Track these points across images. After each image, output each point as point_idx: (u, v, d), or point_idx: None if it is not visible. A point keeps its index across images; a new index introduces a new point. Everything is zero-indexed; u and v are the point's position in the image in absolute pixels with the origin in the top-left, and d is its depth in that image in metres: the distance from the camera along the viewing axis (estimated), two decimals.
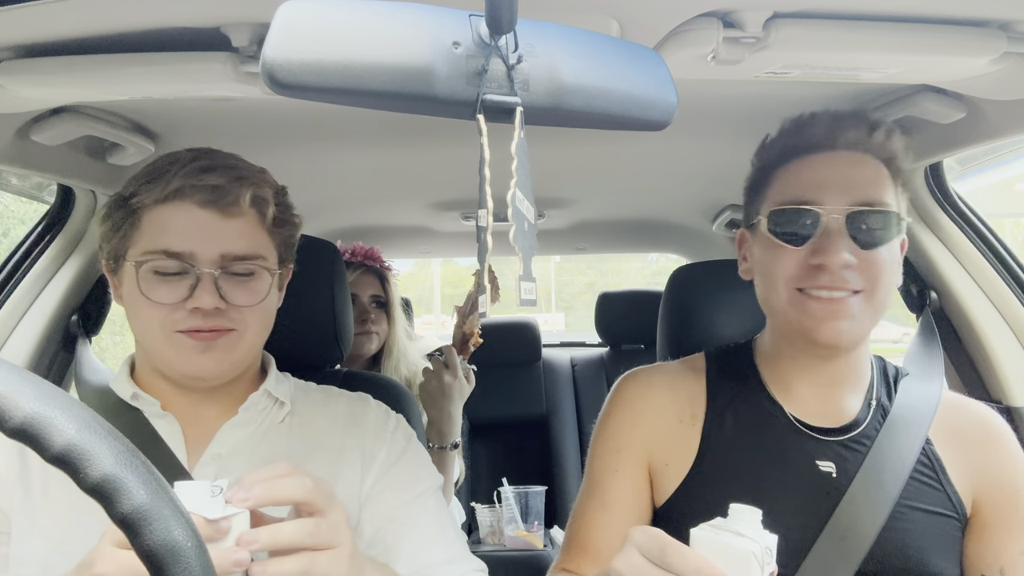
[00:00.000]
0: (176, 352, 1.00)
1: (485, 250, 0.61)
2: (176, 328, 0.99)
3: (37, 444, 0.46)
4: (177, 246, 0.99)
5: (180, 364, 1.01)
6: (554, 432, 3.04)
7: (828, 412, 1.09)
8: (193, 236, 1.00)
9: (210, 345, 1.01)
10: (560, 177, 1.97)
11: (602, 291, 3.30)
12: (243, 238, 1.03)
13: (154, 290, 0.99)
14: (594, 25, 0.88)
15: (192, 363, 1.01)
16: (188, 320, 0.99)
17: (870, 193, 1.02)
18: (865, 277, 1.01)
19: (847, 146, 1.05)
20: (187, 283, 0.99)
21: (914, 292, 1.60)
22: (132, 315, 1.04)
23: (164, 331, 1.00)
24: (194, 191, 1.00)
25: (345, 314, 1.43)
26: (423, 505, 1.09)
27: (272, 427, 1.10)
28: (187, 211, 1.01)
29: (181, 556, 0.47)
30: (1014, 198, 4.91)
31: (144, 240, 1.01)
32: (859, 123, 1.05)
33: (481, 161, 0.61)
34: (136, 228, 1.02)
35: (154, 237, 1.00)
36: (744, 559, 0.72)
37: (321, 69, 0.57)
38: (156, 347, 1.02)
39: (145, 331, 1.02)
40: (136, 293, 1.00)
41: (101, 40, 0.94)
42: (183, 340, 1.00)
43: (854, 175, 1.04)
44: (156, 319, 1.00)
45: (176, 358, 1.01)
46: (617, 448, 1.14)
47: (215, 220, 1.01)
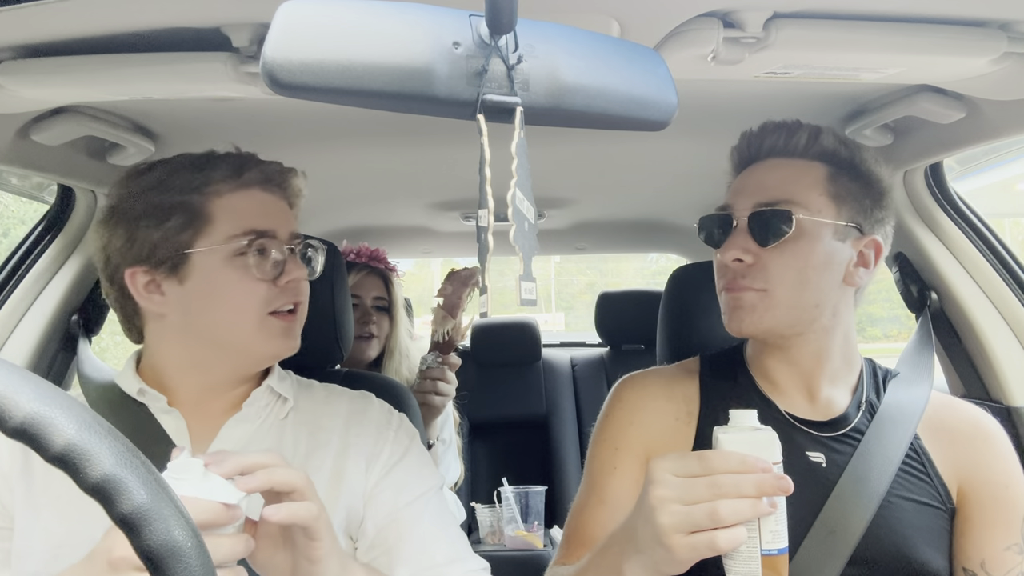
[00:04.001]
0: (264, 336, 1.04)
1: (486, 250, 0.61)
2: (270, 307, 1.04)
3: (37, 444, 0.46)
4: (263, 225, 1.04)
5: (267, 347, 1.06)
6: (554, 432, 3.04)
7: (816, 407, 1.11)
8: (271, 216, 1.06)
9: (290, 327, 1.07)
10: (560, 177, 1.97)
11: (602, 291, 3.30)
12: (294, 219, 1.12)
13: (250, 270, 1.03)
14: (594, 25, 0.88)
15: (278, 345, 1.06)
16: (281, 296, 1.05)
17: (775, 194, 1.07)
18: (764, 276, 1.05)
19: (769, 153, 1.12)
20: (272, 260, 1.04)
21: (914, 292, 1.60)
22: (214, 306, 1.03)
23: (259, 314, 1.03)
24: (261, 177, 1.07)
25: (345, 314, 1.43)
26: (426, 505, 1.09)
27: (276, 423, 1.11)
28: (256, 196, 1.07)
29: (181, 556, 0.47)
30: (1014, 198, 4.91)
31: (223, 227, 1.03)
32: (778, 130, 1.11)
33: (481, 161, 0.61)
34: (208, 219, 1.04)
35: (235, 221, 1.04)
36: (770, 443, 0.82)
37: (321, 69, 0.57)
38: (244, 333, 1.04)
39: (236, 317, 1.03)
40: (221, 280, 1.02)
41: (101, 40, 0.94)
42: (273, 324, 1.05)
43: (766, 179, 1.10)
44: (256, 300, 1.03)
45: (264, 342, 1.05)
46: (615, 447, 1.15)
47: (279, 202, 1.10)
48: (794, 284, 1.05)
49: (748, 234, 1.07)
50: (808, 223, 1.05)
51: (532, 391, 3.13)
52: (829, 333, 1.10)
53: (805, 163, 1.09)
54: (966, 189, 1.60)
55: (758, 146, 1.13)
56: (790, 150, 1.10)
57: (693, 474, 0.79)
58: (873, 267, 1.10)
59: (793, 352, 1.11)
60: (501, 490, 2.60)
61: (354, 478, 1.08)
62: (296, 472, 0.82)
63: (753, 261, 1.06)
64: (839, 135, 1.11)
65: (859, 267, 1.09)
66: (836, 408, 1.11)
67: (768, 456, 0.80)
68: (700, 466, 0.79)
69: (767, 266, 1.06)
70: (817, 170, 1.09)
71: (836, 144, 1.10)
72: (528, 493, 2.59)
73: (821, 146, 1.09)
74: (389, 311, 2.12)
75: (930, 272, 1.58)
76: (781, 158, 1.11)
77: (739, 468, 0.78)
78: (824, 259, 1.06)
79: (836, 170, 1.09)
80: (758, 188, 1.09)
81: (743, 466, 0.78)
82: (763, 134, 1.12)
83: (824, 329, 1.09)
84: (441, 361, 1.86)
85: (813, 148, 1.09)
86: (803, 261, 1.05)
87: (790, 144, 1.10)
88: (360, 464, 1.09)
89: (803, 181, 1.08)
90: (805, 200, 1.06)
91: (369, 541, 1.06)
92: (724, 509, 0.76)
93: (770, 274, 1.05)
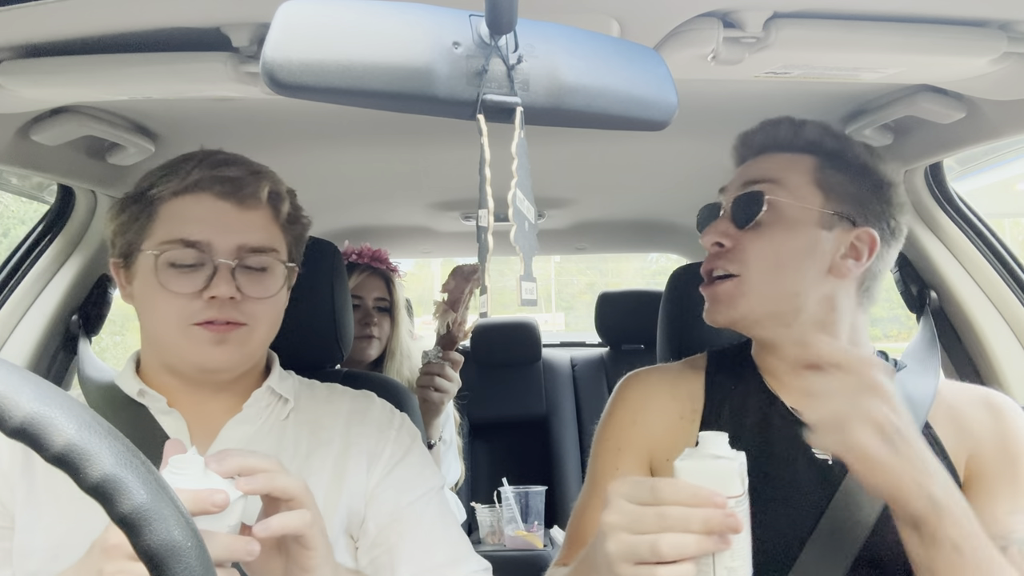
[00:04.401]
0: (191, 345, 1.01)
1: (486, 250, 0.61)
2: (192, 320, 1.00)
3: (37, 444, 0.46)
4: (195, 235, 1.01)
5: (194, 357, 1.02)
6: (554, 432, 3.04)
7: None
8: (211, 226, 1.02)
9: (224, 338, 1.01)
10: (560, 177, 1.97)
11: (602, 291, 3.30)
12: (259, 230, 1.05)
13: (172, 280, 1.00)
14: (594, 25, 0.88)
15: (206, 355, 1.02)
16: (205, 311, 1.00)
17: (757, 176, 1.09)
18: (740, 258, 1.06)
19: (760, 150, 1.14)
20: (204, 274, 1.01)
21: (914, 292, 1.60)
22: (146, 309, 1.04)
23: (180, 323, 1.01)
24: (212, 183, 1.03)
25: (345, 314, 1.43)
26: (427, 505, 1.09)
27: (276, 423, 1.11)
28: (205, 202, 1.03)
29: (181, 556, 0.47)
30: (1014, 198, 4.91)
31: (161, 231, 1.02)
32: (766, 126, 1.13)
33: (481, 161, 0.61)
34: (153, 220, 1.03)
35: (172, 227, 1.02)
36: (728, 476, 0.77)
37: (321, 69, 0.57)
38: (171, 340, 1.03)
39: (160, 324, 1.03)
40: (152, 285, 1.01)
41: (101, 40, 0.94)
42: (198, 332, 1.01)
43: (754, 166, 1.12)
44: (173, 311, 1.01)
45: (191, 351, 1.02)
46: (618, 447, 1.15)
47: (233, 211, 1.04)
48: (769, 268, 1.05)
49: (729, 219, 1.09)
50: (787, 207, 1.05)
51: (532, 391, 3.13)
52: (826, 328, 1.08)
53: (794, 155, 1.11)
54: (966, 189, 1.60)
55: (751, 144, 1.15)
56: (779, 144, 1.12)
57: (644, 502, 0.76)
58: (867, 260, 1.07)
59: (788, 348, 1.10)
60: (501, 490, 2.60)
61: (355, 478, 1.07)
62: (295, 480, 0.82)
63: (732, 244, 1.07)
64: (826, 127, 1.11)
65: (848, 259, 1.07)
66: None
67: (725, 489, 0.76)
68: (651, 495, 0.75)
69: (744, 248, 1.06)
70: (806, 160, 1.09)
71: (821, 135, 1.10)
72: (528, 493, 2.59)
73: (805, 137, 1.10)
74: (390, 312, 2.12)
75: (930, 272, 1.58)
76: (771, 152, 1.13)
77: (688, 501, 0.74)
78: (804, 245, 1.05)
79: (825, 160, 1.09)
80: (745, 176, 1.12)
81: (693, 499, 0.74)
82: (754, 131, 1.15)
83: (818, 323, 1.07)
84: (442, 356, 1.86)
85: (798, 140, 1.10)
86: (780, 245, 1.05)
87: (777, 138, 1.12)
88: (361, 464, 1.09)
89: (791, 167, 1.09)
90: (788, 183, 1.07)
91: (370, 540, 1.06)
92: (665, 543, 0.73)
93: (746, 256, 1.06)
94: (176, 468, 0.76)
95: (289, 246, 1.11)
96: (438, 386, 1.83)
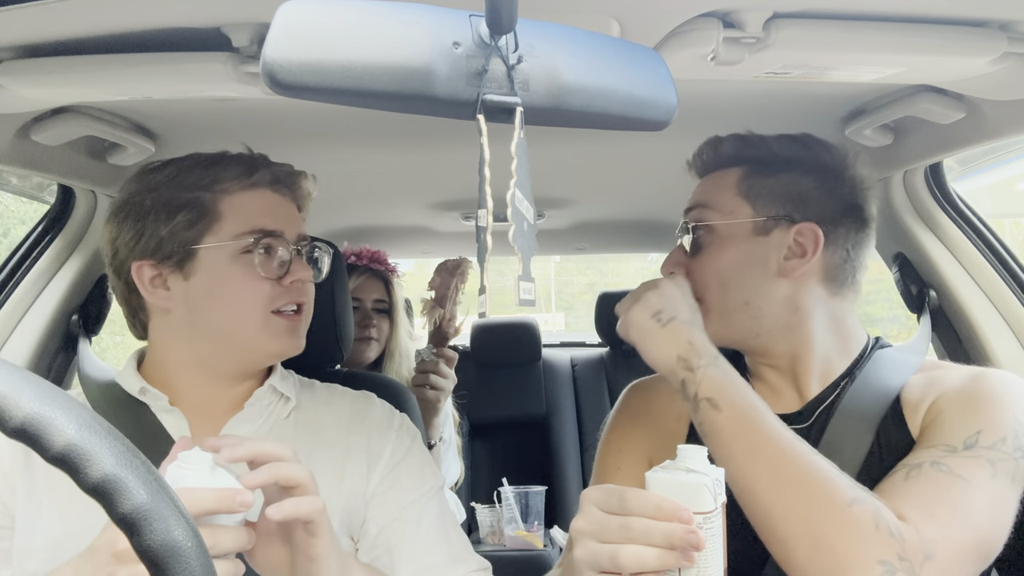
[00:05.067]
0: (268, 334, 1.05)
1: (485, 250, 0.61)
2: (273, 305, 1.05)
3: (37, 444, 0.46)
4: (270, 225, 1.06)
5: (272, 346, 1.06)
6: (554, 432, 3.04)
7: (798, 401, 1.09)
8: (279, 217, 1.08)
9: (295, 327, 1.09)
10: (560, 177, 1.97)
11: (602, 291, 3.30)
12: (302, 222, 1.14)
13: (254, 269, 1.04)
14: (594, 25, 0.88)
15: (282, 344, 1.07)
16: (285, 295, 1.06)
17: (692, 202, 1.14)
18: (695, 285, 1.09)
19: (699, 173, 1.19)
20: (278, 260, 1.06)
21: (914, 292, 1.60)
22: (215, 303, 1.04)
23: (262, 311, 1.04)
24: (271, 179, 1.09)
25: (346, 314, 1.43)
26: (427, 505, 1.09)
27: (277, 423, 1.11)
28: (265, 196, 1.09)
29: (181, 556, 0.47)
30: (1014, 198, 4.91)
31: (230, 225, 1.05)
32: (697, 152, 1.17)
33: (481, 161, 0.61)
34: (216, 217, 1.05)
35: (243, 220, 1.05)
36: (698, 491, 0.76)
37: (321, 69, 0.57)
38: (247, 331, 1.05)
39: (239, 314, 1.04)
40: (229, 276, 1.03)
41: (101, 40, 0.94)
42: (277, 322, 1.06)
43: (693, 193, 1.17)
44: (257, 298, 1.04)
45: (268, 340, 1.06)
46: (619, 448, 1.17)
47: (287, 204, 1.12)
48: (718, 288, 1.08)
49: (680, 247, 1.14)
50: (719, 226, 1.09)
51: (532, 391, 3.13)
52: (796, 330, 1.07)
53: (721, 171, 1.14)
54: (966, 189, 1.60)
55: (692, 168, 1.20)
56: (706, 165, 1.16)
57: (611, 511, 0.76)
58: (812, 254, 1.05)
59: (770, 357, 1.10)
60: (501, 490, 2.60)
61: (355, 478, 1.08)
62: (301, 467, 0.82)
63: (685, 272, 1.11)
64: (745, 137, 1.13)
65: (793, 258, 1.06)
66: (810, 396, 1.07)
67: (694, 504, 0.75)
68: (618, 504, 0.75)
69: (694, 275, 1.09)
70: (731, 175, 1.12)
71: (739, 146, 1.12)
72: (528, 493, 2.59)
73: (723, 154, 1.13)
74: (389, 313, 2.13)
75: (930, 272, 1.57)
76: (705, 175, 1.17)
77: (652, 513, 0.73)
78: (742, 258, 1.07)
79: (749, 169, 1.11)
80: (687, 204, 1.16)
81: (657, 512, 0.73)
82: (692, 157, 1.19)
83: (787, 327, 1.06)
84: (436, 353, 1.86)
85: (719, 157, 1.14)
86: (720, 263, 1.08)
87: (703, 160, 1.16)
88: (361, 464, 1.09)
89: (717, 186, 1.12)
90: (717, 203, 1.10)
91: (370, 541, 1.06)
92: (625, 555, 0.73)
93: (698, 283, 1.09)
94: (184, 464, 0.77)
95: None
96: (433, 384, 1.83)
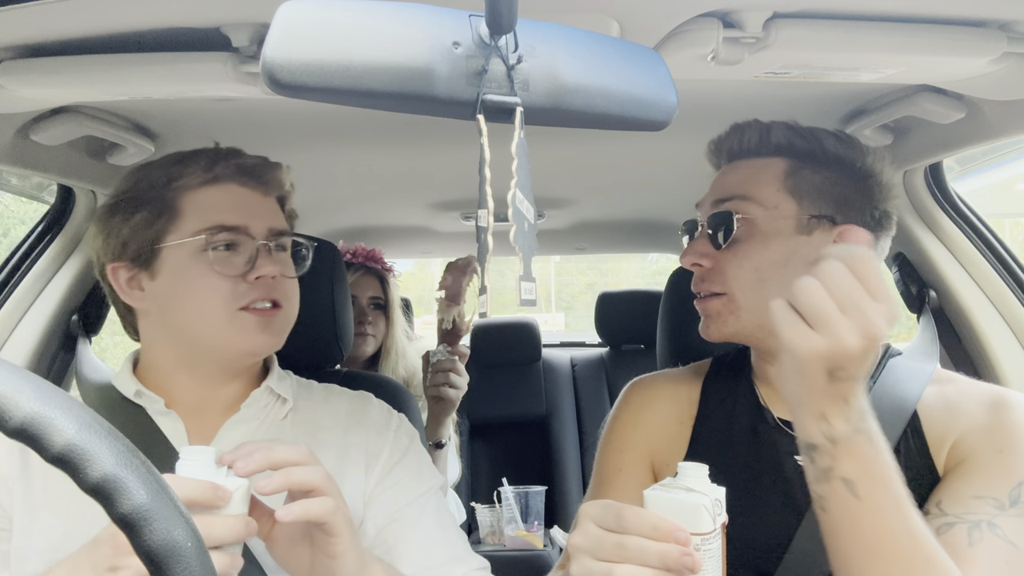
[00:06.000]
0: (237, 331, 1.03)
1: (486, 250, 0.61)
2: (240, 303, 1.02)
3: (37, 444, 0.46)
4: (232, 220, 1.03)
5: (242, 343, 1.03)
6: (554, 432, 3.04)
7: None
8: (243, 211, 1.05)
9: (268, 323, 1.04)
10: (560, 177, 1.97)
11: (602, 291, 3.30)
12: (279, 214, 1.11)
13: (218, 263, 1.02)
14: (594, 25, 0.88)
15: (253, 341, 1.04)
16: (251, 292, 1.03)
17: (729, 191, 1.06)
18: (722, 279, 1.04)
19: (730, 157, 1.12)
20: (244, 256, 1.03)
21: (913, 292, 1.60)
22: (180, 302, 1.03)
23: (228, 308, 1.01)
24: (236, 172, 1.06)
25: (345, 314, 1.43)
26: (426, 505, 1.09)
27: (274, 424, 1.10)
28: (230, 190, 1.06)
29: (181, 556, 0.47)
30: (1014, 198, 4.91)
31: (191, 222, 1.03)
32: (734, 132, 1.10)
33: (481, 161, 0.61)
34: (177, 214, 1.04)
35: (204, 216, 1.03)
36: (696, 511, 0.75)
37: (321, 69, 0.57)
38: (214, 329, 1.03)
39: (203, 313, 1.02)
40: (191, 274, 1.01)
41: (101, 40, 0.94)
42: (246, 318, 1.02)
43: (724, 180, 1.10)
44: (220, 295, 1.01)
45: (238, 337, 1.03)
46: (621, 448, 1.16)
47: (257, 197, 1.08)
48: (752, 285, 1.02)
49: (705, 236, 1.07)
50: (761, 220, 1.03)
51: (532, 391, 3.13)
52: None
53: (763, 160, 1.07)
54: (966, 189, 1.60)
55: (720, 150, 1.12)
56: (746, 150, 1.09)
57: (608, 528, 0.74)
58: None
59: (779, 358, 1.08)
60: (501, 490, 2.60)
61: (353, 479, 1.07)
62: (312, 470, 0.82)
63: (711, 264, 1.05)
64: (795, 127, 1.08)
65: None
66: None
67: (692, 525, 0.73)
68: (615, 522, 0.74)
69: (724, 269, 1.04)
70: (775, 166, 1.06)
71: (790, 137, 1.07)
72: (528, 493, 2.59)
73: (773, 142, 1.07)
74: (385, 310, 2.14)
75: (930, 272, 1.58)
76: (741, 160, 1.10)
77: (649, 533, 0.72)
78: (784, 256, 1.02)
79: (796, 163, 1.05)
80: (718, 189, 1.09)
81: (653, 532, 0.72)
82: (724, 138, 1.12)
83: None
84: (451, 351, 1.86)
85: (766, 145, 1.07)
86: (758, 260, 1.02)
87: (743, 144, 1.09)
88: (359, 465, 1.09)
89: (759, 177, 1.05)
90: (759, 196, 1.04)
91: (369, 542, 1.06)
92: (620, 573, 0.72)
93: (727, 276, 1.03)
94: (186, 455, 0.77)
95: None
96: (453, 383, 1.83)
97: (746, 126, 1.09)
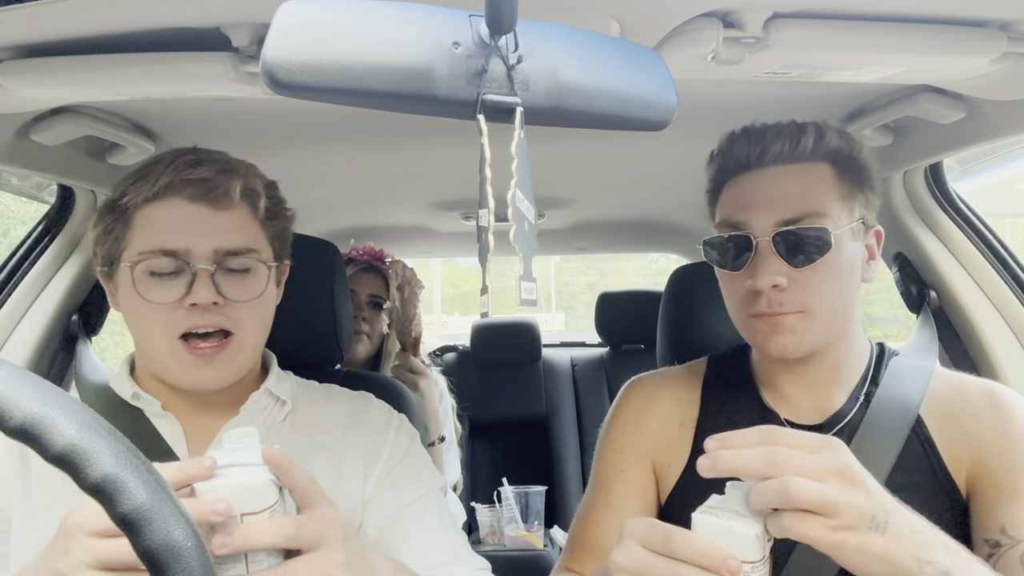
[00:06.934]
0: (176, 364, 1.00)
1: (486, 250, 0.61)
2: (177, 331, 0.98)
3: (37, 444, 0.46)
4: (171, 244, 0.98)
5: (181, 376, 1.01)
6: (554, 432, 3.04)
7: (818, 411, 1.07)
8: (186, 232, 0.99)
9: (210, 360, 1.00)
10: (560, 177, 1.97)
11: (602, 291, 3.30)
12: (236, 231, 1.02)
13: (151, 291, 0.98)
14: (594, 25, 0.88)
15: (193, 376, 1.00)
16: (187, 319, 0.98)
17: (798, 207, 1.00)
18: (802, 297, 0.99)
19: (774, 160, 1.03)
20: (184, 281, 0.98)
21: (913, 292, 1.60)
22: (131, 320, 1.03)
23: (166, 337, 0.98)
24: (183, 186, 1.00)
25: (345, 314, 1.43)
26: (426, 505, 1.09)
27: (274, 426, 1.10)
28: (178, 207, 1.00)
29: (181, 556, 0.47)
30: (1014, 198, 4.92)
31: (137, 241, 1.00)
32: (781, 134, 1.03)
33: (481, 161, 0.61)
34: (128, 229, 1.01)
35: (147, 236, 1.00)
36: (748, 540, 0.72)
37: (321, 69, 0.57)
38: (157, 355, 1.01)
39: (146, 337, 1.01)
40: (133, 296, 0.99)
41: (101, 40, 0.94)
42: (183, 354, 0.98)
43: (781, 191, 1.02)
44: (157, 322, 0.98)
45: (177, 370, 1.00)
46: (621, 449, 1.15)
47: (207, 214, 1.00)
48: (830, 298, 1.00)
49: (776, 255, 1.00)
50: (833, 235, 0.99)
51: (532, 391, 3.13)
52: (846, 337, 1.06)
53: (811, 166, 1.03)
54: (966, 189, 1.60)
55: (759, 152, 1.04)
56: (797, 155, 1.03)
57: (655, 550, 0.72)
58: (879, 256, 1.08)
59: (812, 365, 1.06)
60: (501, 490, 2.60)
61: (353, 480, 1.07)
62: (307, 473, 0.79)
63: (788, 284, 1.00)
64: (839, 129, 1.07)
65: (870, 261, 1.07)
66: (832, 408, 1.07)
67: (742, 553, 0.71)
68: (663, 544, 0.72)
69: (805, 286, 0.99)
70: (824, 172, 1.03)
71: (840, 141, 1.04)
72: (528, 493, 2.59)
73: (827, 146, 1.03)
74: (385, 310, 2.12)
75: (930, 272, 1.58)
76: (786, 164, 1.03)
77: (699, 561, 0.70)
78: (849, 264, 1.02)
79: (841, 168, 1.03)
80: (775, 202, 1.01)
81: (704, 559, 0.69)
82: (764, 139, 1.04)
83: (844, 333, 1.05)
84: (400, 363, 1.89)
85: (819, 149, 1.03)
86: (835, 274, 1.00)
87: (797, 149, 1.02)
88: (359, 466, 1.08)
89: (819, 189, 1.01)
90: (828, 210, 1.00)
91: (370, 542, 1.05)
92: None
93: (809, 294, 0.99)
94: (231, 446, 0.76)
95: (271, 243, 1.08)
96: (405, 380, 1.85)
97: (797, 128, 1.04)
